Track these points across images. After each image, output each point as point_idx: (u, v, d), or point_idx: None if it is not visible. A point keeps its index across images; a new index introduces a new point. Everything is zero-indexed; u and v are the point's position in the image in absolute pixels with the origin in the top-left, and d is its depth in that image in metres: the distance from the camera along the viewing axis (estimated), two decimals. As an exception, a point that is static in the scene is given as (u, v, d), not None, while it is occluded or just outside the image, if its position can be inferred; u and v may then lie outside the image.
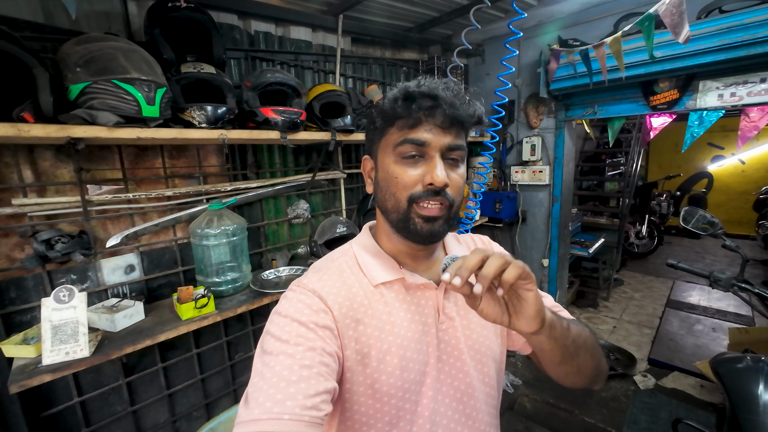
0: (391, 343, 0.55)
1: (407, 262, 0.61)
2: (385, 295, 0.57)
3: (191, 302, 1.21)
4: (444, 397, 0.58)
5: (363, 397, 0.54)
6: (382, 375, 0.54)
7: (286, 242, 1.82)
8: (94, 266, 1.25)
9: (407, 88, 0.53)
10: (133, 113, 0.96)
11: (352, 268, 0.60)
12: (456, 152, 0.55)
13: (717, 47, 1.71)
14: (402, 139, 0.53)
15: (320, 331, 0.50)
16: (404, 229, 0.56)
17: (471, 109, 0.54)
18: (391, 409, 0.55)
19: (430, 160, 0.53)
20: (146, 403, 1.39)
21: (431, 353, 0.57)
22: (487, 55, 2.79)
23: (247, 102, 1.32)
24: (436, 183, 0.52)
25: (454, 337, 0.60)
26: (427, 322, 0.58)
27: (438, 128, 0.53)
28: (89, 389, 1.25)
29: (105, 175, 1.25)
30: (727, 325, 3.04)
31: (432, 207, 0.53)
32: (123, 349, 1.04)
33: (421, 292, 0.60)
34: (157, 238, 1.41)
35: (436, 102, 0.51)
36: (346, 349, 0.53)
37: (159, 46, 1.11)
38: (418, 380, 0.56)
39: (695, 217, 1.55)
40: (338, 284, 0.56)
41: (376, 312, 0.56)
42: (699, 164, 6.14)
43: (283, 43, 1.72)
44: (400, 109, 0.53)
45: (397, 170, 0.54)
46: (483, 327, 0.63)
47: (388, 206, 0.56)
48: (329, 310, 0.53)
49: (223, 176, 1.55)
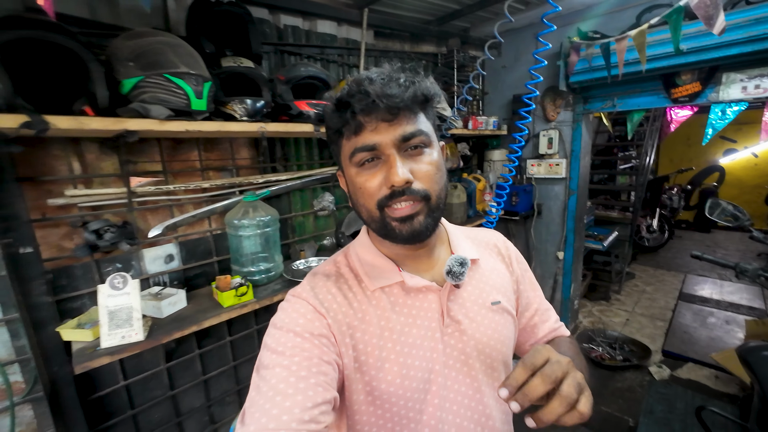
0: (389, 350, 0.53)
1: (407, 264, 0.58)
2: (383, 300, 0.56)
3: (231, 290, 1.25)
4: (452, 404, 0.55)
5: (363, 405, 0.53)
6: (381, 383, 0.52)
7: (311, 233, 1.86)
8: (137, 255, 1.29)
9: (334, 96, 0.51)
10: (183, 106, 0.99)
11: (349, 273, 0.59)
12: (414, 140, 0.50)
13: (743, 39, 1.70)
14: (353, 149, 0.50)
15: (316, 340, 0.49)
16: (387, 235, 0.54)
17: (412, 90, 0.49)
18: (393, 416, 0.53)
19: (387, 160, 0.50)
20: (184, 388, 1.44)
21: (436, 359, 0.55)
22: (504, 47, 2.78)
23: (281, 95, 1.35)
24: (396, 184, 0.49)
25: (461, 341, 0.57)
26: (430, 327, 0.55)
27: (382, 124, 0.49)
28: (133, 374, 1.30)
29: (145, 167, 1.29)
30: (740, 318, 3.06)
31: (403, 207, 0.51)
32: (172, 334, 1.08)
33: (423, 295, 0.57)
34: (192, 229, 1.45)
35: (367, 98, 0.47)
36: (344, 356, 0.51)
37: (201, 41, 1.13)
38: (421, 388, 0.53)
39: (720, 209, 1.57)
40: (333, 290, 0.55)
41: (375, 318, 0.54)
42: (711, 158, 6.09)
43: (310, 36, 1.74)
44: (338, 120, 0.50)
45: (359, 180, 0.52)
46: (494, 330, 0.59)
47: (364, 217, 0.55)
48: (324, 318, 0.52)
49: (254, 169, 1.59)
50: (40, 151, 1.08)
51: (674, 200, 5.23)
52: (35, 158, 1.07)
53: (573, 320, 3.02)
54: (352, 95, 0.48)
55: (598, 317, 3.29)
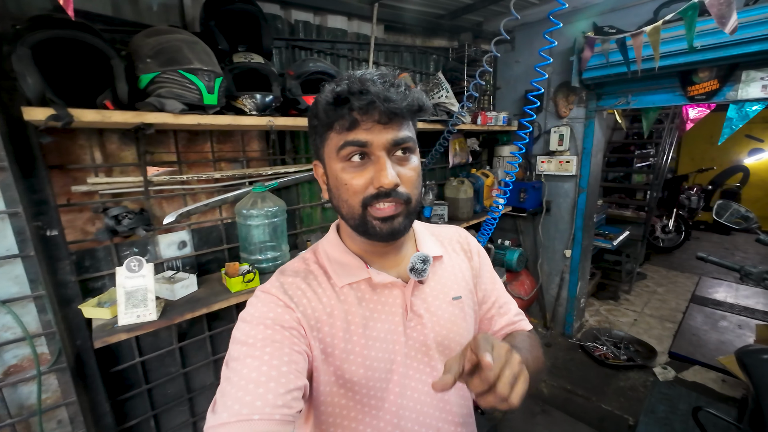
0: (354, 343, 0.56)
1: (374, 261, 0.61)
2: (350, 295, 0.58)
3: (239, 277, 1.32)
4: (413, 392, 0.59)
5: (329, 395, 0.56)
6: (346, 373, 0.55)
7: (318, 225, 1.91)
8: (153, 241, 1.37)
9: (335, 89, 0.50)
10: (196, 101, 1.05)
11: (317, 270, 0.60)
12: (403, 145, 0.52)
13: (763, 36, 1.65)
14: (342, 142, 0.51)
15: (287, 332, 0.51)
16: (364, 233, 0.55)
17: (409, 99, 0.51)
18: (356, 404, 0.56)
19: (377, 161, 0.51)
20: (195, 366, 1.53)
21: (398, 351, 0.58)
22: (517, 42, 2.75)
23: (290, 90, 1.39)
24: (385, 186, 0.50)
25: (422, 334, 0.60)
26: (394, 321, 0.58)
27: (377, 125, 0.50)
28: (148, 351, 1.39)
29: (162, 157, 1.36)
30: (754, 323, 2.99)
31: (386, 207, 0.52)
32: (184, 315, 1.16)
33: (389, 291, 0.59)
34: (205, 217, 1.52)
35: (369, 98, 0.48)
36: (313, 348, 0.54)
37: (215, 37, 1.18)
38: (383, 377, 0.57)
39: (729, 211, 1.55)
40: (303, 286, 0.57)
41: (341, 313, 0.56)
42: (734, 157, 5.87)
43: (321, 32, 1.77)
44: (334, 113, 0.50)
45: (345, 176, 0.52)
46: (453, 323, 0.62)
47: (344, 212, 0.55)
48: (294, 311, 0.53)
49: (263, 161, 1.64)
50: (67, 141, 1.16)
51: (693, 200, 5.08)
52: (63, 147, 1.15)
53: (579, 318, 3.01)
54: (353, 92, 0.49)
55: (605, 316, 3.27)
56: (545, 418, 2.13)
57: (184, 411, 1.54)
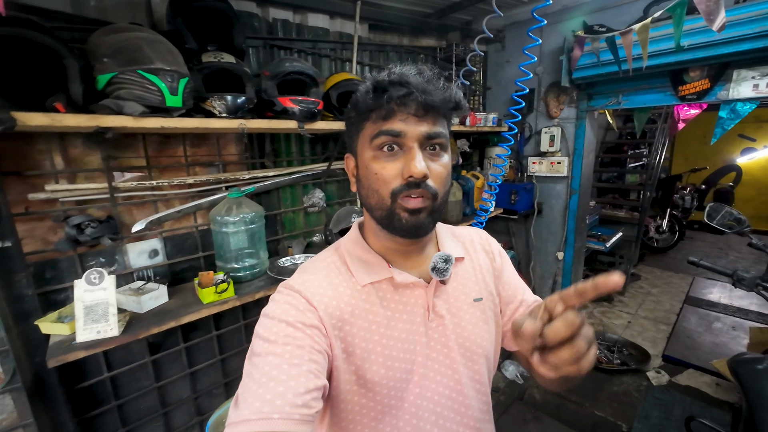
0: (376, 342, 0.55)
1: (397, 260, 0.60)
2: (372, 295, 0.57)
3: (212, 287, 1.25)
4: (433, 394, 0.58)
5: (349, 395, 0.55)
6: (366, 373, 0.54)
7: (301, 230, 1.85)
8: (121, 250, 1.31)
9: (376, 78, 0.52)
10: (157, 103, 0.99)
11: (340, 268, 0.60)
12: (435, 140, 0.53)
13: (754, 34, 1.61)
14: (377, 131, 0.52)
15: (308, 330, 0.50)
16: (389, 225, 0.55)
17: (446, 95, 0.52)
18: (376, 404, 0.55)
19: (408, 152, 0.52)
20: (170, 379, 1.47)
21: (419, 351, 0.57)
22: (507, 41, 2.71)
23: (266, 91, 1.33)
24: (414, 175, 0.50)
25: (443, 335, 0.59)
26: (415, 321, 0.58)
27: (413, 117, 0.51)
28: (118, 365, 1.33)
29: (130, 162, 1.30)
30: (748, 324, 2.96)
31: (414, 199, 0.52)
32: (149, 329, 1.09)
33: (411, 291, 0.59)
34: (179, 224, 1.46)
35: (408, 90, 0.50)
36: (334, 348, 0.53)
37: (182, 36, 1.12)
38: (403, 378, 0.56)
39: (721, 214, 1.50)
40: (324, 285, 0.56)
41: (362, 312, 0.56)
42: (727, 156, 5.87)
43: (301, 30, 1.71)
44: (371, 102, 0.51)
45: (375, 166, 0.53)
46: (474, 325, 0.62)
47: (372, 203, 0.55)
48: (315, 310, 0.53)
49: (241, 165, 1.58)
50: (24, 146, 1.10)
51: (687, 200, 5.07)
52: (19, 153, 1.09)
53: (572, 322, 2.97)
54: (393, 83, 0.50)
55: (599, 319, 3.23)
56: (537, 425, 2.08)
57: (158, 427, 1.47)
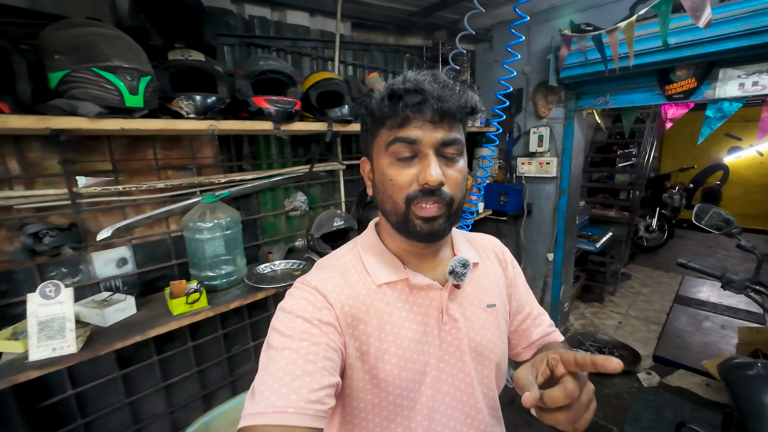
0: (390, 342, 0.56)
1: (412, 262, 0.61)
2: (387, 294, 0.58)
3: (183, 297, 1.19)
4: (444, 396, 0.59)
5: (362, 393, 0.55)
6: (380, 373, 0.55)
7: (283, 235, 1.79)
8: (86, 259, 1.23)
9: (392, 85, 0.52)
10: (116, 103, 0.92)
11: (356, 266, 0.60)
12: (452, 147, 0.53)
13: (740, 32, 1.59)
14: (392, 138, 0.52)
15: (324, 327, 0.51)
16: (405, 230, 0.55)
17: (462, 100, 0.52)
18: (389, 404, 0.56)
19: (424, 159, 0.52)
20: (143, 394, 1.40)
21: (432, 353, 0.58)
22: (495, 41, 2.68)
23: (240, 91, 1.27)
24: (430, 182, 0.51)
25: (456, 338, 0.60)
26: (429, 323, 0.58)
27: (428, 124, 0.51)
28: (84, 381, 1.25)
29: (95, 166, 1.22)
30: (737, 323, 2.97)
31: (429, 207, 0.52)
32: (112, 344, 1.02)
33: (425, 293, 0.59)
34: (150, 230, 1.39)
35: (423, 97, 0.50)
36: (348, 346, 0.54)
37: (146, 32, 1.06)
38: (416, 379, 0.56)
39: (709, 214, 1.48)
40: (341, 283, 0.57)
41: (378, 312, 0.56)
42: (714, 156, 5.93)
43: (280, 28, 1.65)
44: (387, 109, 0.51)
45: (391, 172, 0.53)
46: (487, 330, 0.63)
47: (387, 208, 0.56)
48: (332, 308, 0.53)
49: (217, 168, 1.52)
50: (-25, 150, 1.02)
51: (675, 199, 5.09)
52: (-31, 157, 1.01)
53: (563, 323, 2.95)
54: (408, 90, 0.50)
55: (590, 320, 3.21)
56: (529, 430, 2.04)
57: (130, 444, 1.40)
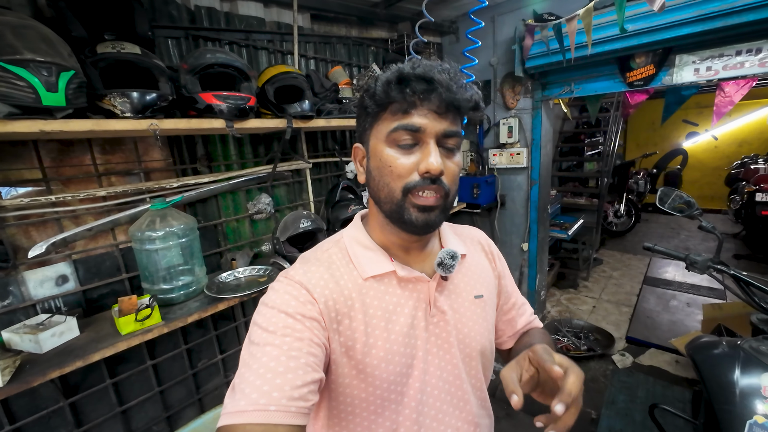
0: (377, 337, 0.55)
1: (399, 255, 0.60)
2: (374, 288, 0.57)
3: (132, 315, 1.08)
4: (433, 388, 0.58)
5: (349, 388, 0.54)
6: (367, 367, 0.54)
7: (248, 240, 1.69)
8: (17, 279, 1.10)
9: (401, 70, 0.51)
10: (30, 102, 0.81)
11: (342, 260, 0.59)
12: (452, 139, 0.52)
13: (694, 18, 1.63)
14: (396, 125, 0.51)
15: (307, 322, 0.50)
16: (398, 220, 0.54)
17: (468, 94, 0.51)
18: (376, 398, 0.55)
19: (425, 147, 0.51)
20: (95, 423, 1.28)
21: (419, 346, 0.57)
22: (461, 32, 2.65)
23: (186, 87, 1.17)
24: (432, 171, 0.50)
25: (444, 330, 0.60)
26: (417, 316, 0.58)
27: (434, 113, 0.50)
28: (23, 414, 1.13)
29: (21, 175, 1.09)
30: (701, 300, 3.11)
31: (428, 197, 0.51)
32: (47, 374, 0.91)
33: (413, 285, 0.59)
34: (95, 243, 1.27)
35: (432, 86, 0.49)
36: (332, 341, 0.53)
37: (66, 22, 0.94)
38: (404, 372, 0.56)
39: (671, 198, 1.51)
40: (326, 277, 0.55)
41: (364, 306, 0.55)
42: (674, 141, 6.23)
43: (231, 20, 1.54)
44: (393, 93, 0.50)
45: (390, 159, 0.52)
46: (474, 322, 0.63)
47: (381, 196, 0.54)
48: (316, 303, 0.52)
49: (169, 171, 1.41)
50: None
51: (640, 184, 5.31)
52: None
53: (540, 311, 2.99)
54: (418, 77, 0.49)
55: (566, 306, 3.28)
56: (509, 422, 2.05)
57: (84, 478, 1.28)
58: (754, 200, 3.87)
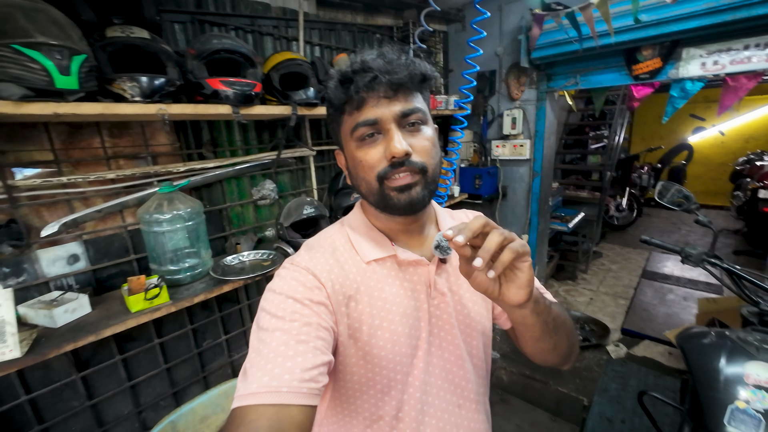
0: (382, 318, 0.56)
1: (399, 239, 0.61)
2: (377, 272, 0.58)
3: (141, 293, 1.13)
4: (434, 368, 0.60)
5: (355, 368, 0.56)
6: (374, 348, 0.55)
7: (252, 225, 1.73)
8: (30, 258, 1.14)
9: (340, 71, 0.53)
10: (44, 85, 0.83)
11: (345, 245, 0.60)
12: (412, 116, 0.53)
13: (703, 11, 1.62)
14: (354, 124, 0.53)
15: (315, 307, 0.51)
16: (385, 207, 0.56)
17: (411, 69, 0.52)
18: (382, 378, 0.56)
19: (387, 134, 0.52)
20: (106, 396, 1.33)
21: (423, 327, 0.59)
22: (467, 21, 2.63)
23: (193, 72, 1.19)
24: (396, 155, 0.51)
25: (445, 312, 0.61)
26: (419, 298, 0.59)
27: (383, 99, 0.51)
28: (39, 386, 1.18)
29: (33, 156, 1.12)
30: (697, 294, 3.14)
31: (402, 177, 0.53)
32: (62, 347, 0.96)
33: (413, 269, 0.60)
34: (104, 224, 1.30)
35: (371, 74, 0.50)
36: (339, 324, 0.54)
37: (75, 5, 0.96)
38: (409, 353, 0.58)
39: (670, 192, 1.52)
40: (331, 262, 0.57)
41: (368, 289, 0.57)
42: (680, 136, 6.16)
43: (237, 5, 1.54)
44: (342, 95, 0.52)
45: (359, 154, 0.54)
46: (474, 303, 0.64)
47: (363, 191, 0.57)
48: (323, 287, 0.54)
49: (176, 156, 1.43)
50: None
51: (644, 179, 5.28)
52: None
53: (537, 302, 3.03)
54: (356, 71, 0.51)
55: (563, 297, 3.32)
56: (503, 407, 2.11)
57: (96, 447, 1.34)
58: (758, 197, 3.86)
